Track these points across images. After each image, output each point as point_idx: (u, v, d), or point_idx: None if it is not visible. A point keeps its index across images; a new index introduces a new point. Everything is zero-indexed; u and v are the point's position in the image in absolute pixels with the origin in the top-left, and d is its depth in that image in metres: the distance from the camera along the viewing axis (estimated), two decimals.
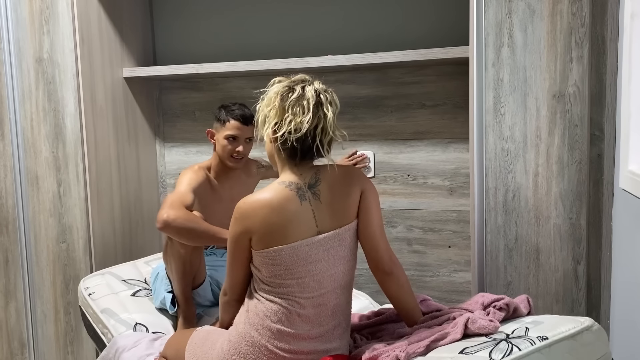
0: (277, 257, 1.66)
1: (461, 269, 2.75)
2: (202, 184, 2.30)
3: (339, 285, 1.75)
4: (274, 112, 1.67)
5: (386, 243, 1.79)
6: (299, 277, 1.68)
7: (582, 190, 2.12)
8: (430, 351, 1.59)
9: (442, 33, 2.64)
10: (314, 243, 1.68)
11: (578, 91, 2.10)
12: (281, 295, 1.69)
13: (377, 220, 1.77)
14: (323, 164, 1.75)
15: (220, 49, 3.02)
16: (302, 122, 1.63)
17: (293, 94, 1.65)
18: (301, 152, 1.68)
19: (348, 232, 1.74)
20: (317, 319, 1.72)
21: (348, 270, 1.77)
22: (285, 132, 1.65)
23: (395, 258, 1.80)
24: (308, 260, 1.68)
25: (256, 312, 1.71)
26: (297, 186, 1.69)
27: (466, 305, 1.80)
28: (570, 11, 2.07)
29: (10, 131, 2.85)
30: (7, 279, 2.96)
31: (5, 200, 2.91)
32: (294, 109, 1.64)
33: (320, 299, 1.71)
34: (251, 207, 1.67)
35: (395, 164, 2.81)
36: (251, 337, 1.71)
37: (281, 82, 1.71)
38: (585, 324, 1.57)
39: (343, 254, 1.74)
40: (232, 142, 2.33)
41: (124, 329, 2.25)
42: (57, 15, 2.71)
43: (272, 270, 1.68)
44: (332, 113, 1.66)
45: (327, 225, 1.71)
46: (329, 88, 1.71)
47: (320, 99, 1.66)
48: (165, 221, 2.07)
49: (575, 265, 2.16)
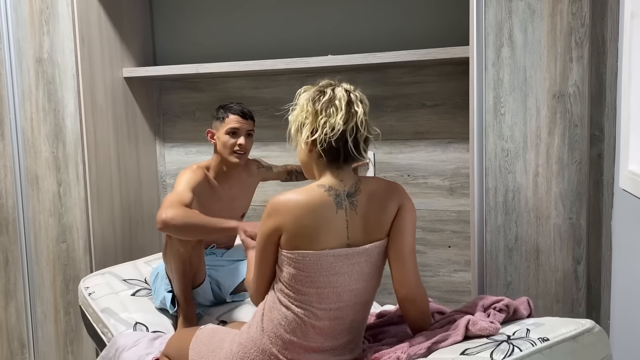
0: (301, 261, 1.62)
1: (461, 269, 2.75)
2: (200, 183, 2.30)
3: (359, 301, 1.69)
4: (308, 117, 1.65)
5: (414, 266, 1.71)
6: (319, 287, 1.63)
7: (582, 190, 2.13)
8: (432, 353, 1.59)
9: (442, 33, 2.64)
10: (340, 255, 1.63)
11: (578, 91, 2.10)
12: (298, 303, 1.64)
13: (410, 241, 1.70)
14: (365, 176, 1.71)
15: (220, 49, 3.02)
16: (336, 121, 1.61)
17: (324, 97, 1.65)
18: (344, 153, 1.64)
19: (377, 249, 1.69)
20: (332, 332, 1.68)
21: (371, 288, 1.72)
22: (322, 134, 1.62)
23: (421, 284, 1.73)
24: (331, 271, 1.63)
25: (271, 318, 1.67)
26: (336, 192, 1.64)
27: (466, 307, 1.80)
28: (570, 11, 2.08)
29: (10, 131, 2.85)
30: (7, 279, 2.96)
31: (5, 200, 2.91)
32: (327, 110, 1.63)
33: (338, 312, 1.66)
34: (286, 204, 1.62)
35: (395, 164, 2.81)
36: (262, 344, 1.67)
37: (309, 90, 1.70)
38: (587, 326, 1.57)
39: (368, 271, 1.68)
40: (233, 137, 2.33)
41: (124, 328, 2.25)
42: (57, 15, 2.71)
43: (293, 275, 1.63)
44: (362, 110, 1.65)
45: (358, 238, 1.66)
46: (357, 88, 1.71)
47: (351, 97, 1.65)
48: (163, 221, 2.07)
49: (575, 265, 2.16)
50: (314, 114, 1.64)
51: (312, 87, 1.70)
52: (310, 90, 1.69)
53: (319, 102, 1.64)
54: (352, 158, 1.67)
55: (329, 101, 1.63)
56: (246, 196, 2.53)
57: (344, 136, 1.62)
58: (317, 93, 1.67)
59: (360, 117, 1.64)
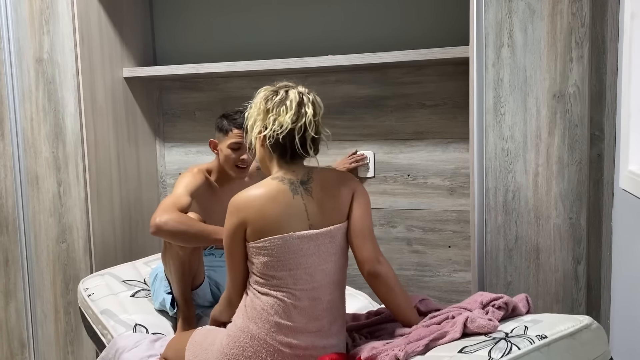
0: (269, 247, 1.71)
1: (461, 269, 2.75)
2: (201, 186, 2.30)
3: (331, 280, 1.79)
4: (260, 114, 1.78)
5: (374, 244, 1.81)
6: (290, 268, 1.72)
7: (582, 190, 2.12)
8: (429, 350, 1.59)
9: (442, 33, 2.63)
10: (304, 237, 1.73)
11: (578, 91, 2.10)
12: (275, 287, 1.73)
13: (366, 222, 1.81)
14: (315, 166, 1.83)
15: (220, 49, 3.01)
16: (285, 120, 1.72)
17: (277, 97, 1.76)
18: (291, 150, 1.76)
19: (339, 231, 1.80)
20: (313, 312, 1.75)
21: (339, 268, 1.81)
22: (271, 131, 1.73)
23: (383, 260, 1.81)
24: (299, 253, 1.73)
25: (254, 307, 1.75)
26: (289, 181, 1.77)
27: (465, 304, 1.80)
28: (570, 11, 2.07)
29: (10, 131, 2.85)
30: (7, 279, 2.96)
31: (5, 200, 2.91)
32: (277, 109, 1.74)
33: (314, 293, 1.75)
34: (246, 199, 1.75)
35: (395, 164, 2.81)
36: (250, 331, 1.74)
37: (266, 90, 1.81)
38: (584, 323, 1.57)
39: (334, 251, 1.78)
40: (236, 151, 2.33)
41: (123, 329, 2.24)
42: (57, 15, 2.71)
43: (264, 262, 1.72)
44: (312, 111, 1.74)
45: (319, 221, 1.77)
46: (312, 92, 1.80)
47: (303, 99, 1.75)
48: (156, 225, 2.07)
49: (575, 265, 2.15)
50: (265, 111, 1.77)
51: (270, 87, 1.81)
52: (266, 91, 1.80)
53: (270, 101, 1.76)
54: (299, 155, 1.77)
55: (281, 101, 1.75)
56: None
57: (291, 134, 1.74)
58: (271, 93, 1.79)
59: (310, 117, 1.75)
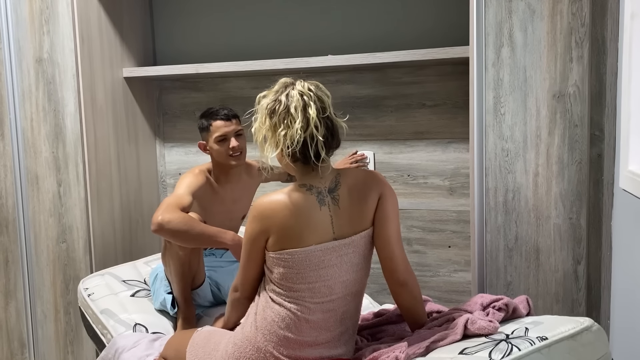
0: (290, 259, 1.65)
1: (461, 269, 2.75)
2: (202, 186, 2.30)
3: (350, 292, 1.73)
4: (269, 131, 1.67)
5: (402, 252, 1.75)
6: (310, 282, 1.67)
7: (582, 190, 2.12)
8: (430, 352, 1.59)
9: (442, 33, 2.63)
10: (328, 249, 1.67)
11: (578, 91, 2.10)
12: (291, 299, 1.67)
13: (394, 227, 1.74)
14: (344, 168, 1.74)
15: (220, 49, 3.01)
16: (295, 131, 1.63)
17: (280, 106, 1.65)
18: (313, 155, 1.66)
19: (363, 239, 1.72)
20: (325, 325, 1.70)
21: (361, 278, 1.75)
22: (284, 147, 1.65)
23: (410, 269, 1.77)
24: (320, 265, 1.67)
25: (264, 317, 1.70)
26: (317, 190, 1.68)
27: (465, 306, 1.80)
28: (570, 11, 2.07)
29: (10, 131, 2.85)
30: (7, 279, 2.96)
31: (5, 200, 2.91)
32: (285, 121, 1.64)
33: (330, 305, 1.70)
34: (270, 207, 1.66)
35: (395, 164, 2.81)
36: (257, 342, 1.69)
37: (266, 97, 1.70)
38: (585, 324, 1.57)
39: (356, 261, 1.72)
40: (223, 142, 2.32)
41: (123, 329, 2.25)
42: (57, 15, 2.71)
43: (283, 273, 1.67)
44: (315, 110, 1.64)
45: (344, 231, 1.69)
46: (313, 83, 1.70)
47: (305, 101, 1.65)
48: (159, 224, 2.07)
49: (575, 266, 2.15)
50: (273, 127, 1.66)
51: (270, 93, 1.70)
52: (266, 100, 1.70)
53: (275, 115, 1.65)
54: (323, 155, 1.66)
55: (286, 112, 1.64)
56: (247, 198, 2.53)
57: (306, 142, 1.64)
58: (272, 102, 1.67)
59: (314, 119, 1.63)
